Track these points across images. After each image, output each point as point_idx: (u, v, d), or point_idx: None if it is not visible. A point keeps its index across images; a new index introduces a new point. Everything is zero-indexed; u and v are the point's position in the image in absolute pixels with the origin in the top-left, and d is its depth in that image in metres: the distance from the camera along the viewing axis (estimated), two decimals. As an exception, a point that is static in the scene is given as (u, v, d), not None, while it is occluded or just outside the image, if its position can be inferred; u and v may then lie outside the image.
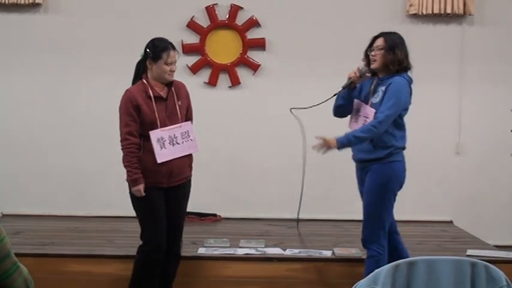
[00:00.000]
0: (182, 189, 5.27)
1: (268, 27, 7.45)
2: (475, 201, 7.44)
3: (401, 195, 7.43)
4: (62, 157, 5.23)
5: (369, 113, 5.04)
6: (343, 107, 5.20)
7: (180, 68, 7.40)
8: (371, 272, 4.83)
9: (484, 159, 7.56)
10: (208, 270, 5.81)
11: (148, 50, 5.12)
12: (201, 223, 7.29)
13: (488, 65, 7.51)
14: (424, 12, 7.32)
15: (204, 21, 7.45)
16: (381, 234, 5.07)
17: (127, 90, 5.04)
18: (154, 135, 4.98)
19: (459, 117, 7.55)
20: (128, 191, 5.10)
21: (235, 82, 7.49)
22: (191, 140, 5.20)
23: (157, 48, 5.08)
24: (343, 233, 6.52)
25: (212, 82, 7.48)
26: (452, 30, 7.51)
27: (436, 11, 7.29)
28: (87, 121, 7.24)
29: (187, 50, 7.44)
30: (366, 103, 5.08)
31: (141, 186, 4.94)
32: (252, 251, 6.01)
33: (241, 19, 7.46)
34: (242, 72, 7.48)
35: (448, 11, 7.29)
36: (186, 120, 5.19)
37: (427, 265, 3.03)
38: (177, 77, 7.37)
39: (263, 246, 6.15)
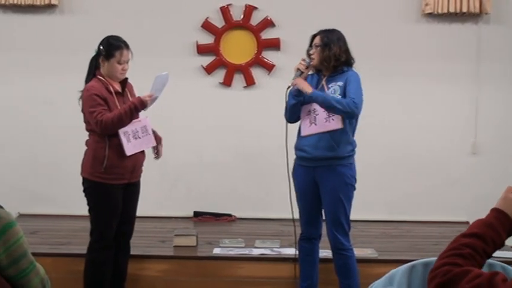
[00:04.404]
0: (138, 186, 5.35)
1: (283, 27, 7.44)
2: (491, 201, 7.30)
3: (417, 196, 7.46)
4: (80, 158, 5.26)
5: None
6: (297, 107, 5.21)
7: (195, 68, 7.46)
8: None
9: (501, 159, 7.52)
10: (223, 270, 5.83)
11: (101, 47, 5.11)
12: (216, 223, 7.29)
13: (504, 64, 7.46)
14: (440, 12, 7.28)
15: (218, 22, 7.46)
16: None
17: (89, 86, 5.05)
18: (120, 129, 5.04)
19: (475, 117, 7.51)
20: (82, 189, 5.17)
21: (250, 82, 7.49)
22: (149, 134, 5.26)
23: (111, 47, 5.09)
24: (358, 233, 6.51)
25: (227, 82, 7.48)
26: (468, 29, 7.46)
27: (451, 10, 7.25)
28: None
29: (202, 50, 7.45)
30: None
31: (141, 97, 5.06)
32: (267, 251, 6.02)
33: (255, 19, 7.45)
34: (257, 73, 7.48)
35: (464, 9, 7.24)
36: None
37: (443, 265, 3.02)
38: (192, 77, 7.45)
39: (278, 246, 6.16)
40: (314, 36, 5.26)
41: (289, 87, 5.20)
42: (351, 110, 5.00)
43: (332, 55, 5.12)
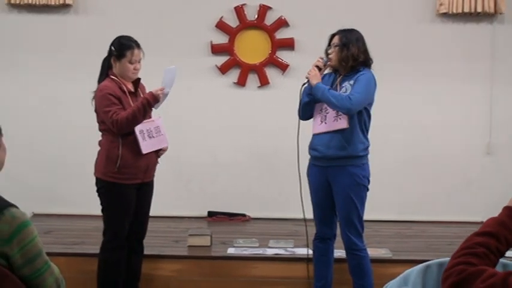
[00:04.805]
0: (151, 186, 5.34)
1: (297, 27, 7.44)
2: (506, 201, 7.32)
3: (431, 196, 7.43)
4: (94, 158, 5.29)
5: None
6: (310, 105, 5.23)
7: (209, 68, 7.46)
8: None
9: (515, 159, 7.51)
10: (237, 270, 5.83)
11: (112, 48, 5.11)
12: (230, 223, 7.30)
13: (519, 64, 7.45)
14: (454, 11, 7.25)
15: (232, 22, 7.46)
16: None
17: (103, 86, 5.06)
18: (136, 127, 5.06)
19: (490, 117, 7.48)
20: (95, 189, 5.19)
21: (264, 82, 7.48)
22: (162, 134, 5.27)
23: (122, 47, 5.09)
24: (373, 233, 6.50)
25: (241, 82, 7.48)
26: (483, 29, 7.44)
27: (466, 9, 7.22)
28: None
29: (216, 50, 7.45)
30: None
31: (153, 91, 5.02)
32: (281, 251, 6.02)
33: (270, 19, 7.45)
34: (271, 72, 7.48)
35: (479, 9, 7.21)
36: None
37: (457, 266, 3.01)
38: (206, 77, 7.45)
39: (292, 246, 6.15)
40: (333, 36, 5.23)
41: (304, 84, 5.20)
42: (344, 105, 4.96)
43: (350, 55, 5.10)
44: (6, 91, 7.39)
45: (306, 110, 5.27)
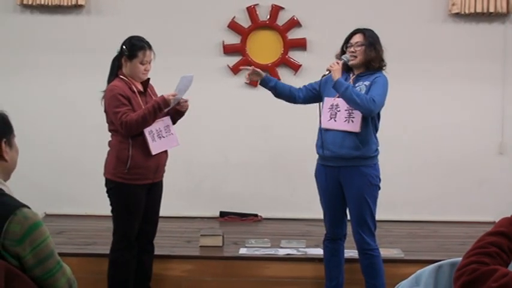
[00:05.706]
0: (161, 186, 5.33)
1: (309, 27, 7.44)
2: (518, 201, 7.36)
3: (443, 196, 7.42)
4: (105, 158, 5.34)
5: None
6: (274, 92, 5.45)
7: (221, 68, 7.46)
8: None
9: (528, 159, 7.48)
10: (249, 271, 5.83)
11: (124, 48, 5.10)
12: (242, 223, 7.30)
13: (532, 64, 7.42)
14: (467, 12, 7.23)
15: (245, 22, 7.46)
16: None
17: (112, 86, 5.05)
18: (145, 128, 5.06)
19: (502, 117, 7.46)
20: (105, 190, 5.18)
21: (276, 82, 7.48)
22: (172, 134, 5.25)
23: (134, 47, 5.07)
24: (384, 233, 6.49)
25: (253, 82, 7.47)
26: (495, 29, 7.42)
27: (478, 10, 7.20)
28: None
29: (228, 50, 7.46)
30: None
31: (165, 96, 5.03)
32: (293, 252, 6.02)
33: (282, 19, 7.45)
34: (283, 73, 7.47)
35: (491, 9, 7.20)
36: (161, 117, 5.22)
37: (469, 266, 3.00)
38: (218, 77, 7.46)
39: (304, 246, 6.15)
40: (352, 34, 5.16)
41: (323, 75, 5.15)
42: (368, 106, 4.89)
43: (378, 56, 5.07)
44: (18, 92, 7.41)
45: (281, 97, 5.44)
